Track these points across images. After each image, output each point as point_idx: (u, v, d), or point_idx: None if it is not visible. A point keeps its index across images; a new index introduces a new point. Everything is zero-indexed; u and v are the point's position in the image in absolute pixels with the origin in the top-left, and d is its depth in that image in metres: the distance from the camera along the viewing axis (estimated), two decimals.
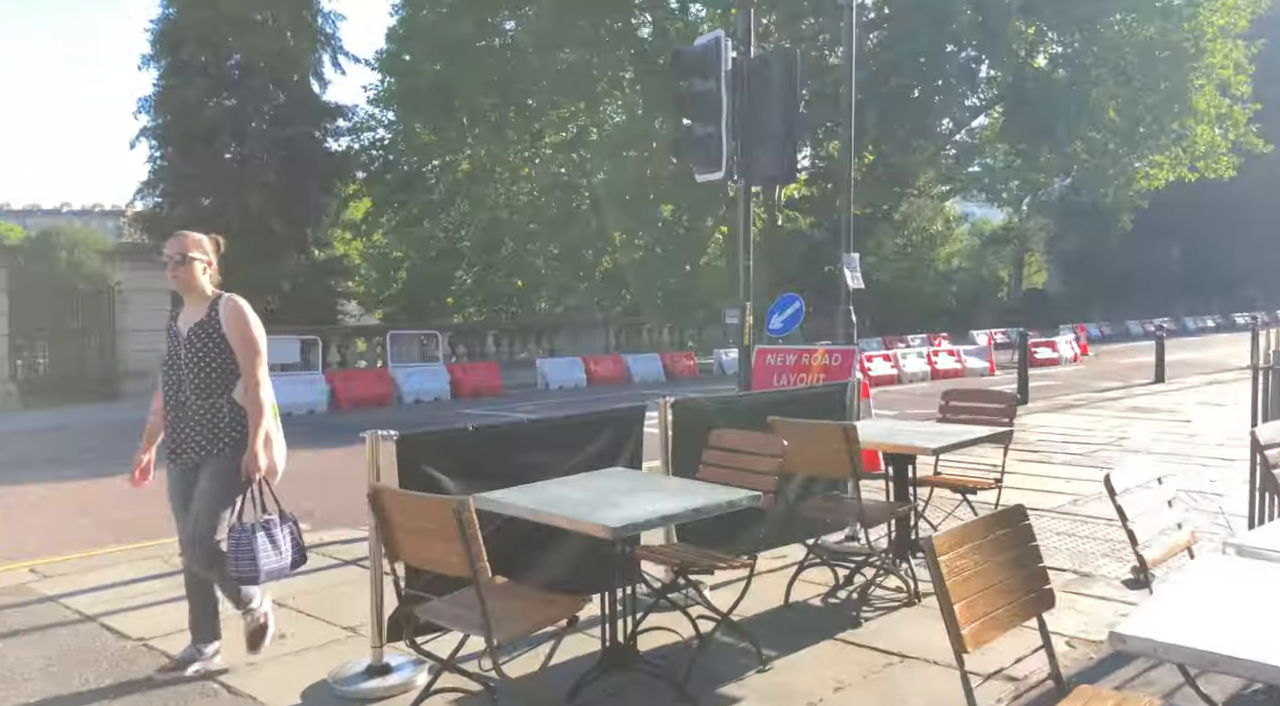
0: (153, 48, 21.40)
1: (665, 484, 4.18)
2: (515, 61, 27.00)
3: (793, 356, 9.16)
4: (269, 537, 3.96)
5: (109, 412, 15.51)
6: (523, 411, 15.10)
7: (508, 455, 4.42)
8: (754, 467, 4.10)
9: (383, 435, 4.13)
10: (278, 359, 16.89)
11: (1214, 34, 27.79)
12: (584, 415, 4.84)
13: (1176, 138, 30.01)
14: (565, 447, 4.64)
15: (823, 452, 4.59)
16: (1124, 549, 4.69)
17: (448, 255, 30.09)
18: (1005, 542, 2.60)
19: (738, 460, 4.23)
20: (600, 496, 3.74)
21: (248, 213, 21.20)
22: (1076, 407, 13.08)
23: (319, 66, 23.39)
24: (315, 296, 23.11)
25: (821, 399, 5.82)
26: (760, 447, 4.15)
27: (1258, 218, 47.94)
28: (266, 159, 22.33)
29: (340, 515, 7.66)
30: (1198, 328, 41.14)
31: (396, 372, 17.44)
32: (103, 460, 10.66)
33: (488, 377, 18.53)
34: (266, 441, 4.10)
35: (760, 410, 5.42)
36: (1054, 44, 30.17)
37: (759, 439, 4.23)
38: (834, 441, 4.53)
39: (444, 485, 4.18)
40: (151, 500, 8.51)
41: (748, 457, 4.18)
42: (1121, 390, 15.69)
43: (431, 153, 29.31)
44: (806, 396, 5.80)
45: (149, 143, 22.05)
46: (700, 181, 8.76)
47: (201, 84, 21.16)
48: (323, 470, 9.72)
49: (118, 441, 12.09)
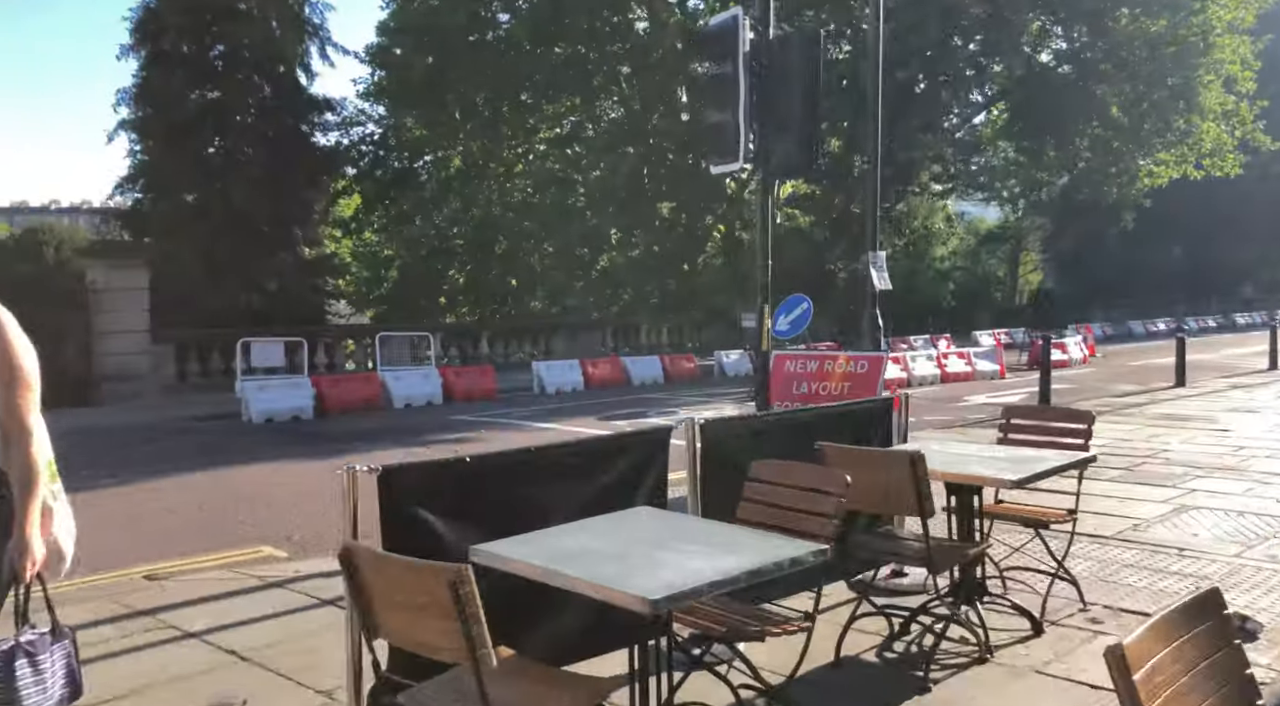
0: (132, 37, 20.59)
1: (704, 531, 3.48)
2: (509, 55, 26.27)
3: (814, 363, 8.47)
4: (32, 666, 2.65)
5: (82, 418, 14.70)
6: (519, 416, 14.38)
7: (511, 489, 3.73)
8: (809, 508, 3.41)
9: (362, 469, 3.41)
10: (263, 362, 16.14)
11: (1222, 28, 27.24)
12: (599, 440, 4.14)
13: (1182, 135, 29.46)
14: (578, 479, 3.95)
15: (884, 486, 3.90)
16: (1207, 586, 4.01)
17: (439, 254, 29.31)
18: (1205, 643, 1.91)
19: (788, 497, 3.53)
20: (628, 547, 3.05)
21: (232, 209, 20.43)
22: (1104, 415, 12.39)
23: (307, 58, 22.61)
24: (303, 296, 22.33)
25: (864, 416, 5.12)
26: (818, 483, 3.45)
27: (1255, 216, 47.54)
28: (252, 153, 21.55)
29: (323, 538, 6.94)
30: (1200, 328, 40.60)
31: (386, 376, 16.69)
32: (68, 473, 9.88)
33: (481, 381, 17.80)
34: (44, 517, 2.81)
35: (800, 431, 4.74)
36: (1058, 39, 29.59)
37: (815, 473, 3.53)
38: (898, 472, 3.84)
39: (436, 529, 3.48)
40: (112, 527, 7.48)
41: (800, 495, 3.49)
42: (1144, 395, 15.06)
43: (423, 148, 28.55)
44: (847, 414, 5.11)
45: (128, 136, 21.26)
46: (715, 172, 8.09)
47: (183, 75, 20.36)
48: (305, 485, 8.99)
49: (85, 452, 11.34)
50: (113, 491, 8.81)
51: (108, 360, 16.20)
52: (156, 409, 15.65)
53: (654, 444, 4.22)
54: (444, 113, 27.21)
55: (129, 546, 6.78)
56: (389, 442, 11.74)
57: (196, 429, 13.82)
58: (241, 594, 5.44)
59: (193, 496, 8.58)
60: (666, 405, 15.70)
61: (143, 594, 5.44)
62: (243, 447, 11.79)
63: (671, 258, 28.48)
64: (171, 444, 12.24)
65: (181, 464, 10.47)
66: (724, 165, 7.96)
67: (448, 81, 25.91)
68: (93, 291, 16.11)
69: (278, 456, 10.87)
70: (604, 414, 14.42)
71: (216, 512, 7.86)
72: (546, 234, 27.30)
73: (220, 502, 8.25)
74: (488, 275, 28.72)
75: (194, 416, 14.85)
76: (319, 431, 13.40)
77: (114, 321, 16.28)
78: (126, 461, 10.74)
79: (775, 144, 7.85)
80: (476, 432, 12.56)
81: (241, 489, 8.89)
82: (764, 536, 3.19)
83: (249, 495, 8.55)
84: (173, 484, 9.20)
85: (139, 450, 11.69)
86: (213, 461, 10.52)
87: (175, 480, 9.38)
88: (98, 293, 16.18)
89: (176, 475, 9.66)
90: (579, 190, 27.71)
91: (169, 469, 10.10)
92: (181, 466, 10.24)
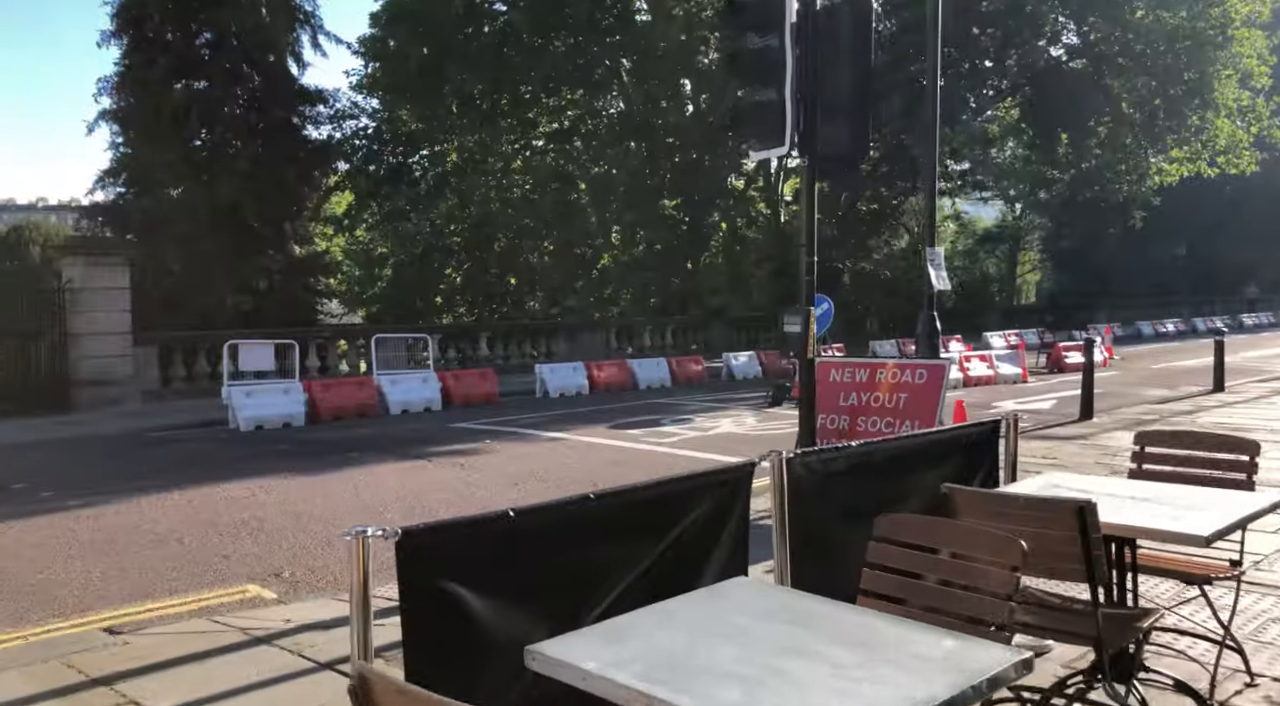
0: (113, 23, 19.61)
1: (833, 620, 2.62)
2: (508, 46, 25.38)
3: (862, 372, 7.64)
4: None
5: (55, 427, 13.79)
6: (524, 423, 13.51)
7: (566, 551, 2.88)
8: (971, 583, 2.57)
9: (374, 533, 2.55)
10: (251, 366, 15.22)
11: (1240, 21, 26.55)
12: (671, 484, 3.28)
13: (1196, 131, 28.78)
14: (645, 535, 3.11)
15: (1036, 542, 3.06)
16: None
17: (435, 252, 28.37)
18: None
19: (934, 566, 2.69)
20: (747, 652, 2.21)
21: (219, 204, 19.52)
22: (1152, 425, 11.63)
23: (298, 47, 21.68)
24: (293, 296, 21.42)
25: (966, 444, 4.28)
26: (982, 550, 2.61)
27: (1258, 215, 47.01)
28: (240, 146, 20.62)
29: (317, 574, 6.07)
30: (1208, 328, 39.93)
31: (382, 380, 15.80)
32: (33, 491, 9.00)
33: (482, 384, 16.92)
34: None
35: (896, 467, 3.91)
36: (1072, 34, 28.86)
37: (975, 537, 2.69)
38: (1058, 527, 3.01)
39: (473, 611, 2.63)
40: (77, 559, 6.44)
41: (955, 566, 2.65)
42: (1184, 401, 14.29)
43: (418, 142, 27.63)
44: (945, 441, 4.27)
45: (110, 127, 20.29)
46: (755, 158, 7.28)
47: (167, 63, 19.39)
48: (296, 505, 8.11)
49: (55, 466, 10.41)
50: (82, 514, 7.91)
51: (85, 363, 15.25)
52: (137, 416, 14.72)
53: (732, 486, 3.38)
54: (440, 106, 26.32)
55: (95, 583, 5.91)
56: (387, 454, 10.86)
57: (179, 438, 12.90)
58: (221, 653, 4.57)
59: (172, 520, 7.69)
60: (679, 411, 14.86)
61: (101, 654, 4.56)
62: (229, 460, 10.89)
63: (674, 256, 27.66)
64: (151, 456, 11.33)
65: (162, 479, 9.56)
66: (766, 149, 7.12)
67: (444, 73, 25.01)
68: (69, 290, 15.15)
69: (267, 470, 9.97)
70: (615, 421, 13.58)
71: (197, 540, 6.98)
72: (546, 231, 26.42)
73: (202, 528, 7.37)
74: (486, 274, 27.80)
75: (177, 424, 13.94)
76: (311, 441, 12.50)
77: (92, 322, 15.32)
78: (100, 477, 9.83)
79: (823, 128, 7.03)
80: (481, 442, 11.69)
81: (226, 510, 8.00)
82: (924, 630, 2.35)
83: (235, 519, 7.67)
84: (151, 504, 8.30)
85: (115, 463, 10.78)
86: (196, 476, 9.62)
87: (153, 500, 8.49)
88: (75, 292, 15.22)
89: (155, 493, 8.76)
90: (580, 186, 26.82)
91: (147, 485, 9.19)
92: (161, 482, 9.34)
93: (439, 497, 8.37)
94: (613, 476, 9.21)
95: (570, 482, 8.90)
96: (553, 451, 10.96)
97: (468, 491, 8.64)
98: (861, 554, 3.70)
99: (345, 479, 9.38)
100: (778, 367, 21.78)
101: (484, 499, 8.31)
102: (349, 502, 8.23)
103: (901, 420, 7.14)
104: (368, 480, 9.30)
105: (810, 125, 6.92)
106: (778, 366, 21.86)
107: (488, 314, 27.88)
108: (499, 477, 9.30)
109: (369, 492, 8.66)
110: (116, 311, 15.58)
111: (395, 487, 8.88)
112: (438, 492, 8.61)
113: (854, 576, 3.44)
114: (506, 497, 8.32)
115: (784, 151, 6.96)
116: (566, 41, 26.10)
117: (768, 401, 15.25)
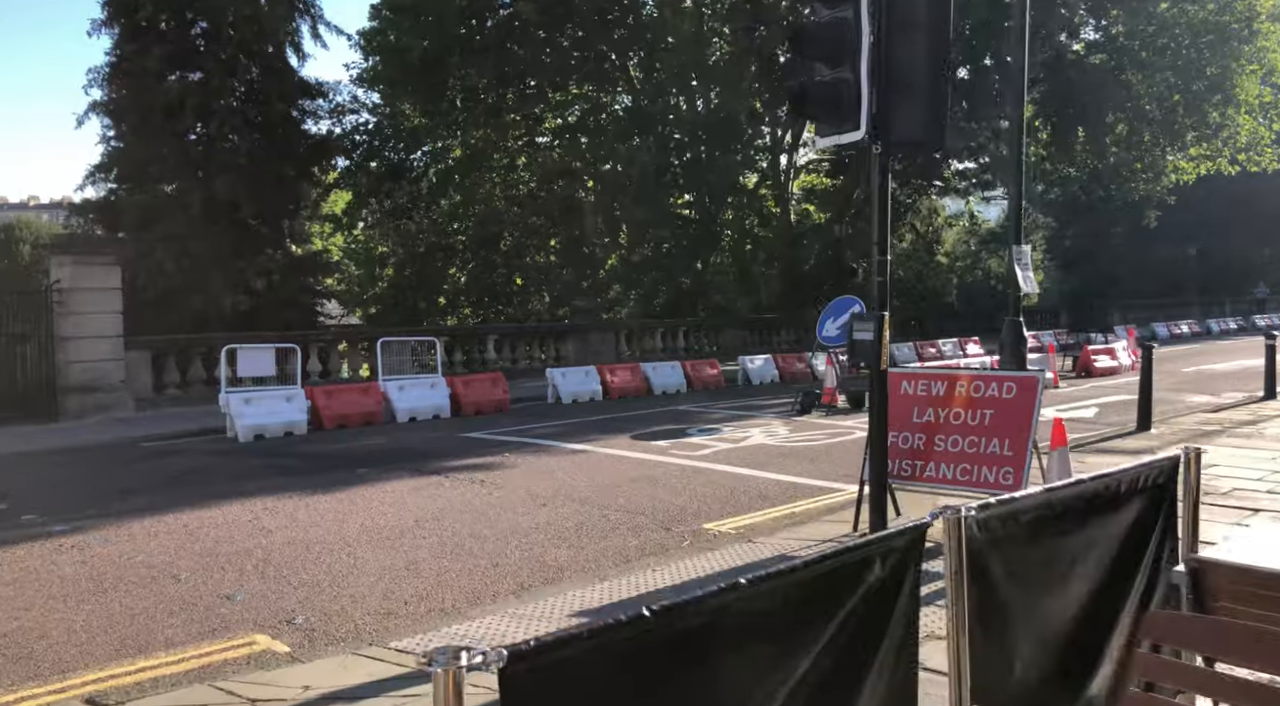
0: (104, 10, 18.72)
1: None
2: (513, 38, 24.57)
3: (939, 384, 6.88)
4: None
5: (45, 437, 12.97)
6: (540, 433, 12.72)
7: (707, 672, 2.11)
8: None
9: (469, 660, 1.74)
10: (251, 372, 14.40)
11: (1266, 14, 25.89)
12: (832, 558, 2.47)
13: (1216, 128, 28.12)
14: (804, 629, 2.33)
15: None
16: None
17: (439, 251, 27.51)
18: None
19: (1243, 693, 1.92)
20: None
21: (215, 201, 18.71)
22: (1214, 436, 10.91)
23: (298, 37, 20.82)
24: (292, 296, 20.58)
25: (1147, 490, 3.50)
26: None
27: (1266, 214, 46.45)
28: (237, 140, 19.78)
29: (333, 620, 5.26)
30: (1221, 330, 39.34)
31: (388, 386, 14.98)
32: (14, 513, 8.17)
33: (492, 391, 16.10)
34: None
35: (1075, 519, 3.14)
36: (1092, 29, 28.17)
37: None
38: None
39: None
40: (59, 602, 5.58)
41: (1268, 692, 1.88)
42: (1239, 409, 13.56)
43: (421, 137, 26.79)
44: (1125, 486, 3.48)
45: (101, 120, 19.44)
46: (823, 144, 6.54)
47: (161, 53, 18.51)
48: (307, 530, 7.31)
49: (39, 483, 9.51)
50: (66, 543, 7.10)
51: (74, 368, 14.41)
52: (129, 424, 13.90)
53: (901, 555, 2.61)
54: (443, 100, 25.50)
55: (78, 633, 5.10)
56: (399, 469, 10.07)
57: (175, 449, 12.09)
58: None
59: (167, 550, 6.89)
60: (703, 420, 14.09)
61: None
62: (228, 475, 10.08)
63: (684, 255, 26.89)
64: (144, 470, 10.51)
65: (155, 498, 8.77)
66: (837, 134, 6.37)
67: (448, 66, 24.20)
68: (58, 291, 14.31)
69: (271, 488, 9.18)
70: (636, 431, 12.79)
71: (196, 577, 6.19)
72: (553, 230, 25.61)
73: (201, 560, 6.57)
74: (492, 274, 26.95)
75: (172, 433, 13.13)
76: (316, 453, 11.70)
77: (82, 325, 14.48)
78: (88, 496, 9.02)
79: (897, 110, 6.28)
80: (500, 456, 10.90)
81: (228, 537, 7.21)
82: None
83: (237, 548, 6.87)
84: (143, 530, 7.49)
85: (105, 479, 9.96)
86: (193, 496, 8.82)
87: (146, 524, 7.68)
88: (63, 292, 14.38)
89: (148, 516, 7.96)
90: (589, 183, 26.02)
91: (140, 506, 8.40)
92: (155, 502, 8.54)
93: (462, 521, 7.60)
94: (647, 495, 8.44)
95: (604, 503, 8.13)
96: (576, 466, 10.18)
97: (492, 514, 7.87)
98: (1048, 633, 2.94)
99: (356, 499, 8.59)
100: (796, 371, 21.06)
101: (510, 522, 7.55)
102: (363, 528, 7.44)
103: (989, 440, 6.38)
104: (381, 500, 8.51)
105: (884, 106, 6.18)
106: (795, 370, 21.14)
107: (493, 315, 27.05)
108: (524, 497, 8.52)
109: (384, 516, 7.87)
110: (107, 313, 14.75)
111: (413, 509, 8.09)
112: (460, 515, 7.83)
113: (1047, 662, 2.69)
114: (535, 521, 7.55)
115: (858, 136, 6.20)
116: (573, 35, 25.32)
117: (795, 409, 14.49)
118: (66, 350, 14.34)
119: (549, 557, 6.50)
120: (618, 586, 5.73)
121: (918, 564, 2.65)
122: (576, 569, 6.23)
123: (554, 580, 5.99)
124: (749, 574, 2.14)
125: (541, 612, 5.25)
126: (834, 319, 14.67)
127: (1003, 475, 6.27)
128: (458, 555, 6.59)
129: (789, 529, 7.12)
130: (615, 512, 7.83)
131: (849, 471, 9.18)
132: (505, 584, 5.93)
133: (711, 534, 7.10)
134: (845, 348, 16.03)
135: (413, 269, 27.33)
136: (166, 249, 18.22)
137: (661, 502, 8.18)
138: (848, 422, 13.14)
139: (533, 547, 6.76)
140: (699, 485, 8.94)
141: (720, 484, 8.98)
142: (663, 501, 8.23)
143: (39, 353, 14.56)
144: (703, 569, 6.04)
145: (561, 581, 5.96)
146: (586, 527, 7.32)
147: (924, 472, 6.66)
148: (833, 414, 14.24)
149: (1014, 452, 6.24)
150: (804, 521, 7.35)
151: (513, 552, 6.64)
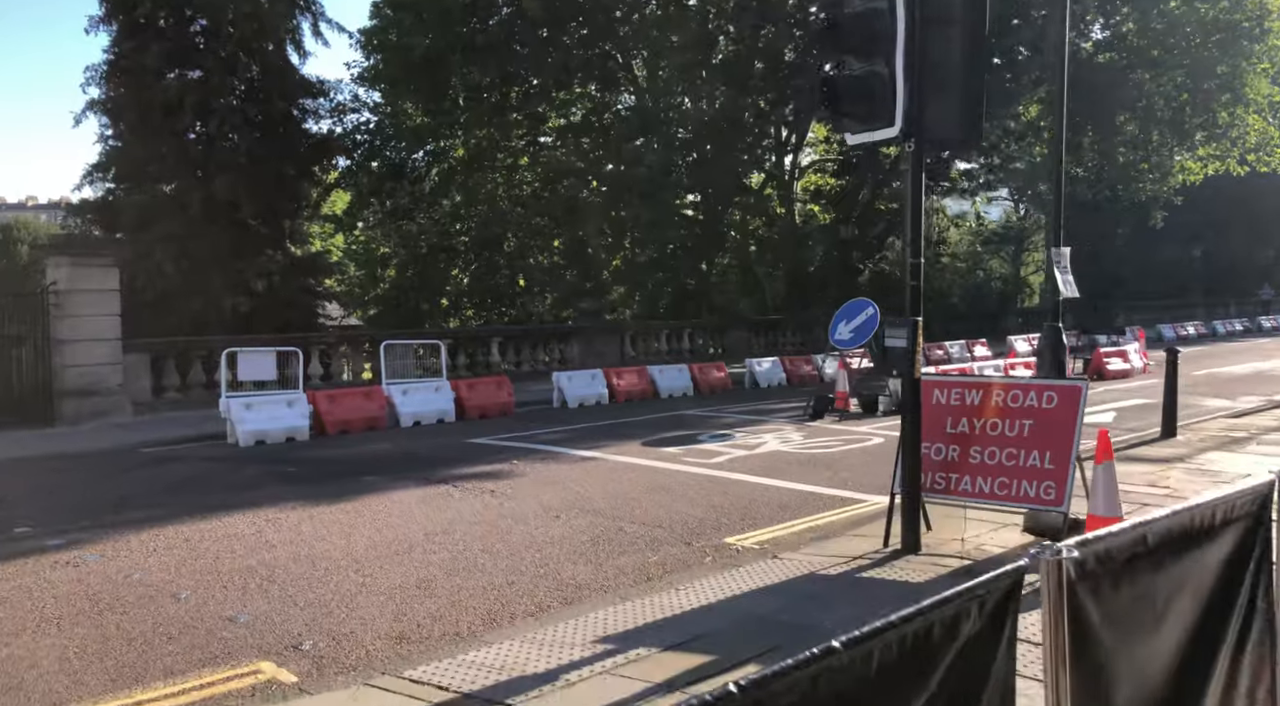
0: (102, 7, 18.42)
1: None
2: (517, 36, 24.28)
3: (974, 393, 6.60)
4: None
5: (41, 442, 12.68)
6: (547, 439, 12.43)
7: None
8: None
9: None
10: (251, 376, 14.11)
11: (1278, 12, 25.64)
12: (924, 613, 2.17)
13: (1226, 128, 27.87)
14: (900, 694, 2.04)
15: None
16: None
17: (441, 251, 27.20)
18: None
19: None
20: None
21: (214, 201, 18.42)
22: (1243, 443, 10.63)
23: (298, 34, 20.52)
24: (293, 298, 20.28)
25: (1241, 518, 3.21)
26: None
27: (1269, 216, 46.22)
28: (237, 140, 19.47)
29: (343, 646, 4.96)
30: (1227, 331, 39.08)
31: (392, 390, 14.69)
32: (7, 525, 7.87)
33: (497, 395, 15.81)
34: None
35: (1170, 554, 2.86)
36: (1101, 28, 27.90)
37: None
38: None
39: None
40: (52, 625, 5.27)
41: None
42: (1263, 414, 13.28)
43: (423, 137, 26.48)
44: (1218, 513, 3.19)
45: (98, 119, 19.14)
46: (853, 142, 6.23)
47: (160, 51, 18.21)
48: (312, 544, 7.01)
49: (32, 492, 9.16)
50: (60, 559, 6.80)
51: (71, 372, 14.11)
52: (127, 429, 13.61)
53: (998, 604, 2.31)
54: (446, 99, 25.20)
55: (71, 661, 4.80)
56: (405, 477, 9.78)
57: (174, 455, 11.80)
58: None
59: (166, 566, 6.60)
60: (713, 425, 13.80)
61: None
62: (230, 484, 9.79)
63: (689, 255, 26.60)
64: (142, 478, 10.22)
65: (154, 509, 8.47)
66: (868, 132, 6.09)
67: (450, 64, 23.90)
68: (54, 293, 14.01)
69: (273, 498, 8.89)
70: (646, 437, 12.50)
71: (197, 596, 5.89)
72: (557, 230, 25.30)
73: (201, 578, 6.28)
74: (495, 275, 26.63)
75: (171, 439, 12.84)
76: (319, 460, 11.41)
77: (78, 327, 14.18)
78: (84, 506, 8.73)
79: (933, 106, 6.00)
80: (508, 463, 10.60)
81: (229, 552, 6.91)
82: None
83: (240, 564, 6.58)
84: (141, 544, 7.20)
85: (102, 488, 9.67)
86: (193, 506, 8.52)
87: (144, 538, 7.39)
88: (60, 294, 14.08)
89: (146, 528, 7.67)
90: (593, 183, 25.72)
91: (138, 518, 8.10)
92: (154, 514, 8.25)
93: (473, 534, 7.31)
94: (663, 507, 8.15)
95: (619, 515, 7.84)
96: (587, 474, 9.89)
97: (504, 526, 7.58)
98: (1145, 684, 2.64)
99: (363, 510, 8.30)
100: (803, 374, 20.78)
101: (524, 535, 7.25)
102: (371, 542, 7.14)
103: (1029, 452, 6.09)
104: (388, 512, 8.21)
105: (918, 103, 5.90)
106: (803, 372, 20.86)
107: (495, 317, 26.74)
108: (535, 508, 8.23)
109: (392, 529, 7.57)
110: (105, 315, 14.45)
111: (422, 522, 7.80)
112: (470, 527, 7.54)
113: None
114: (549, 534, 7.26)
115: (892, 133, 5.93)
116: (577, 33, 25.03)
117: (808, 414, 14.20)
118: (63, 353, 14.04)
119: (566, 575, 6.20)
120: (642, 608, 5.43)
121: (1014, 614, 2.36)
122: (596, 588, 5.93)
123: (573, 600, 5.70)
124: (843, 637, 1.84)
125: (563, 637, 4.95)
126: (847, 321, 14.40)
127: (1044, 490, 5.98)
128: (471, 572, 6.30)
129: (815, 543, 6.82)
130: (632, 525, 7.54)
131: (869, 480, 8.91)
132: (522, 604, 5.63)
133: (734, 549, 6.81)
134: (859, 350, 15.80)
135: (414, 270, 27.03)
136: (165, 249, 17.92)
137: (679, 514, 7.89)
138: (862, 428, 12.86)
139: (548, 563, 6.47)
140: (716, 495, 8.65)
141: (738, 494, 8.69)
142: (680, 513, 7.94)
143: (35, 356, 14.27)
144: (729, 589, 5.75)
145: (581, 602, 5.66)
146: (603, 542, 7.03)
147: (959, 486, 6.37)
148: (846, 419, 13.96)
149: (1055, 466, 5.96)
150: (829, 535, 7.05)
151: (528, 569, 6.35)
